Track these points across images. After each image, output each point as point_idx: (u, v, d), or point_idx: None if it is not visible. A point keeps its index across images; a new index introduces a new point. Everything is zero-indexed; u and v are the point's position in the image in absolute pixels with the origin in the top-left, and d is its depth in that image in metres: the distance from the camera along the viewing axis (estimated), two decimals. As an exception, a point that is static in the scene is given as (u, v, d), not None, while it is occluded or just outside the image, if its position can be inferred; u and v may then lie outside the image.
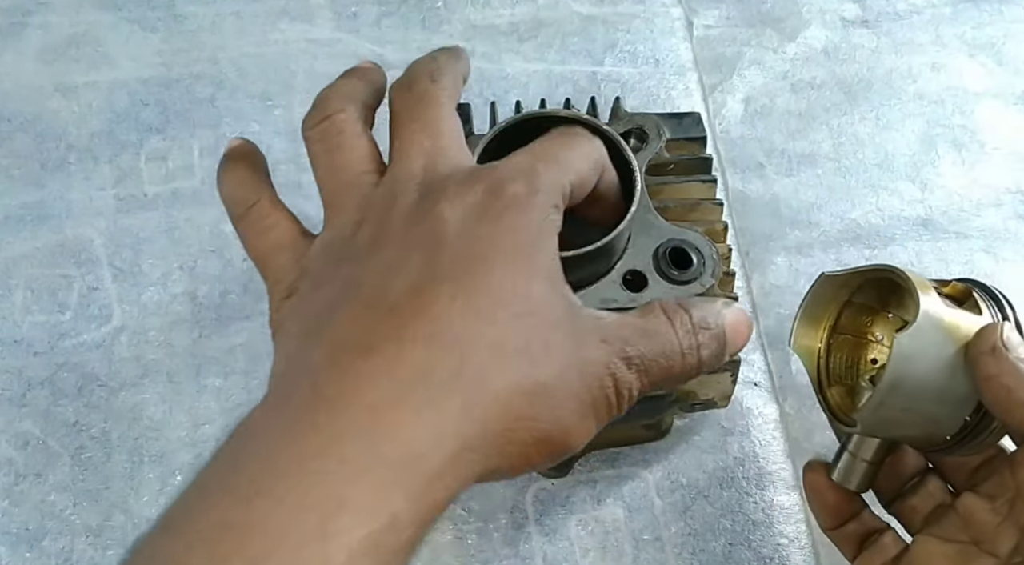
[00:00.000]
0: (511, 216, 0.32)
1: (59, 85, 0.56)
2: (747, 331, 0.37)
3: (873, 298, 0.42)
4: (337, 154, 0.36)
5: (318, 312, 0.33)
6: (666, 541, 0.48)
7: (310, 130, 0.37)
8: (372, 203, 0.35)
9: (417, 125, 0.36)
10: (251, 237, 0.38)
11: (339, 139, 0.36)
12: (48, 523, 0.47)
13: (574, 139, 0.36)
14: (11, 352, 0.50)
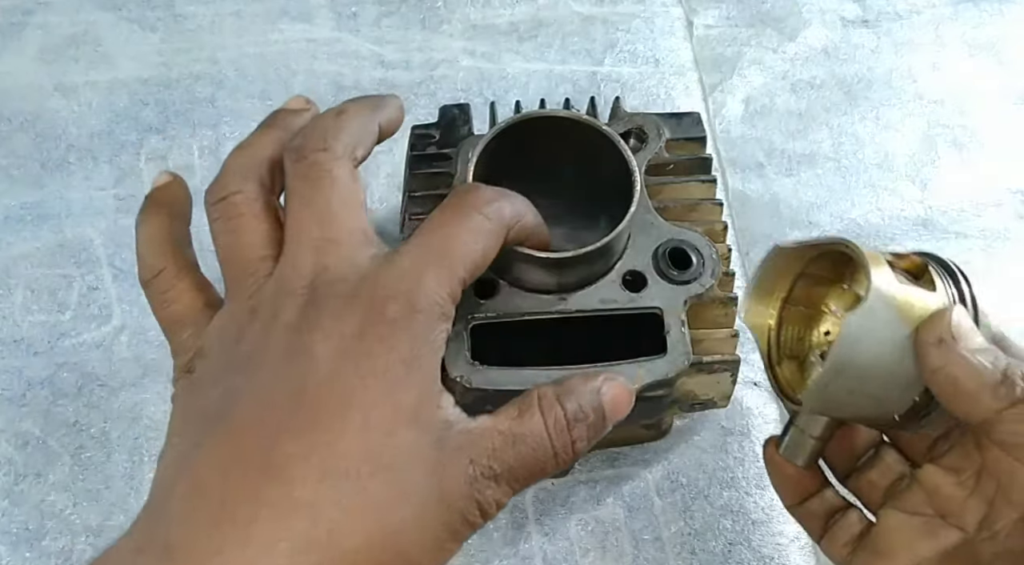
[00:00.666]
0: (384, 348, 0.33)
1: (59, 85, 0.56)
2: (627, 403, 0.37)
3: (828, 270, 0.40)
4: (234, 236, 0.36)
5: (199, 419, 0.33)
6: (666, 541, 0.48)
7: (210, 206, 0.37)
8: (263, 299, 0.35)
9: (307, 211, 0.36)
10: (154, 306, 0.38)
11: (237, 221, 0.36)
12: (48, 523, 0.47)
13: (464, 219, 0.35)
14: (11, 352, 0.50)
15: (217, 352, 0.36)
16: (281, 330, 0.34)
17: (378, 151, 0.55)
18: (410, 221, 0.44)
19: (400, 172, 0.47)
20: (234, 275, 0.37)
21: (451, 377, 0.40)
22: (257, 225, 0.36)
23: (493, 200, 0.36)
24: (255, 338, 0.35)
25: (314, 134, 0.37)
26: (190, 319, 0.37)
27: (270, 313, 0.35)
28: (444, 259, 0.35)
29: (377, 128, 0.38)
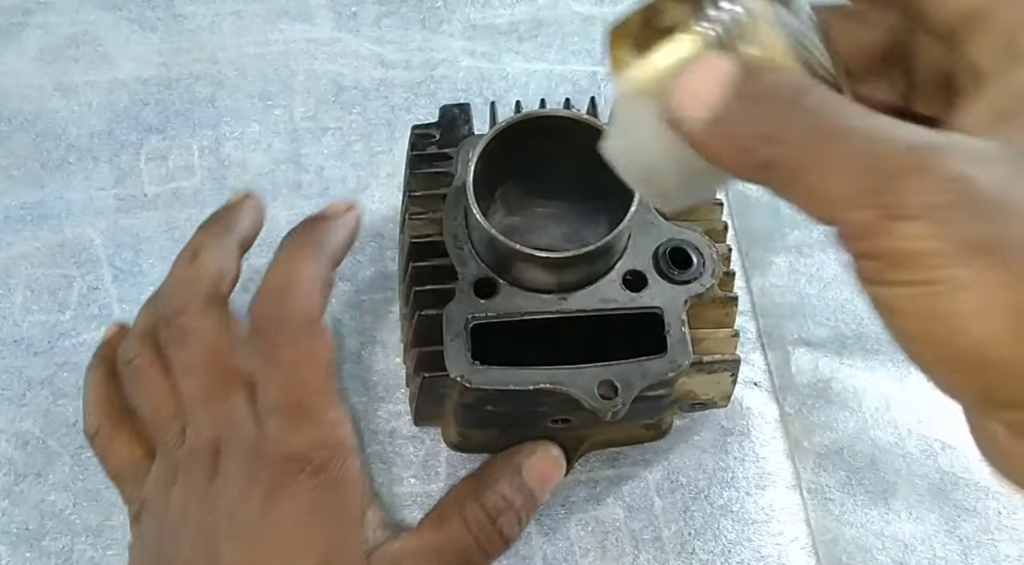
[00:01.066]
0: (292, 502, 0.35)
1: (59, 85, 0.56)
2: (556, 471, 0.38)
3: None
4: (145, 399, 0.39)
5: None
6: (666, 541, 0.48)
7: (120, 368, 0.40)
8: (180, 458, 0.38)
9: (188, 377, 0.38)
10: (101, 459, 0.42)
11: (144, 385, 0.39)
12: (48, 523, 0.47)
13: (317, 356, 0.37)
14: (11, 352, 0.50)
15: (154, 506, 0.38)
16: (198, 494, 0.36)
17: (378, 151, 0.55)
18: (410, 220, 0.44)
19: (400, 172, 0.47)
20: (154, 432, 0.39)
21: (451, 377, 0.40)
22: (160, 386, 0.39)
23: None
24: (179, 500, 0.37)
25: (172, 296, 0.39)
26: (130, 472, 0.40)
27: (187, 476, 0.37)
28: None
29: (237, 249, 0.40)
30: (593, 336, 0.42)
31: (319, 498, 0.35)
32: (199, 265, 0.40)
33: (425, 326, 0.42)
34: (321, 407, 0.36)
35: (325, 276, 0.38)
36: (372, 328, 0.51)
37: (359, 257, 0.52)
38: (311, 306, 0.37)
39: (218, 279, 0.39)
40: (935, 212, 0.22)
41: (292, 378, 0.36)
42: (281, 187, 0.54)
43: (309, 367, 0.36)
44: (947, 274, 0.22)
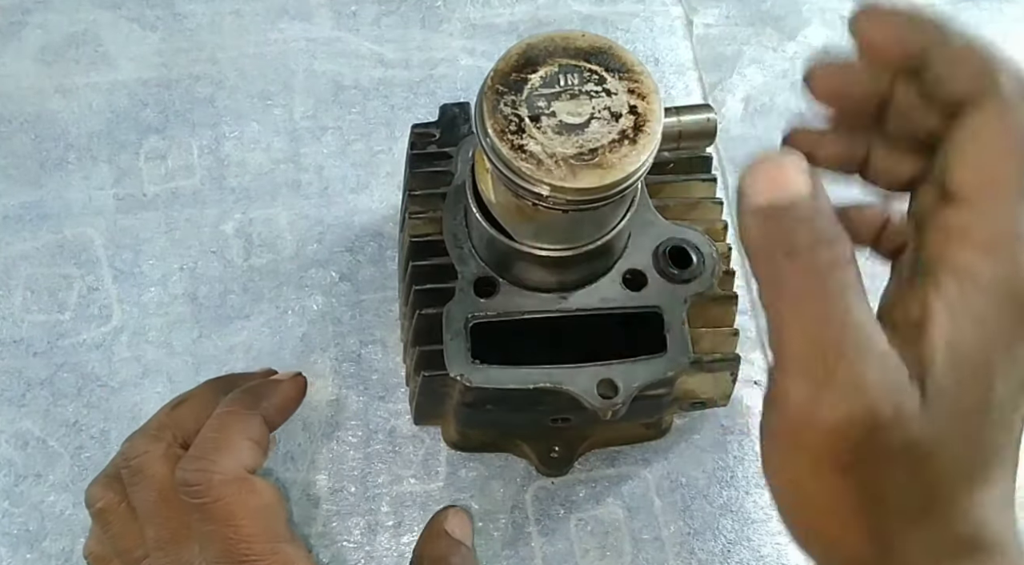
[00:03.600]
0: None
1: (58, 85, 0.56)
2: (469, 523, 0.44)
3: None
4: (112, 540, 0.40)
5: None
6: (665, 540, 0.48)
7: (88, 509, 0.41)
8: None
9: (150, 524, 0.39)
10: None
11: (109, 527, 0.40)
12: (48, 523, 0.47)
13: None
14: (11, 352, 0.50)
15: None
16: None
17: (377, 150, 0.55)
18: (410, 219, 0.44)
19: (400, 171, 0.47)
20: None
21: (451, 376, 0.40)
22: (126, 528, 0.40)
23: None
24: None
25: (140, 438, 0.41)
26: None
27: None
28: None
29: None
30: (593, 335, 0.42)
31: None
32: (177, 413, 0.42)
33: (425, 325, 0.42)
34: (261, 555, 0.37)
35: (257, 433, 0.41)
36: (372, 327, 0.51)
37: (359, 257, 0.52)
38: (237, 463, 0.39)
39: (191, 432, 0.41)
40: (839, 450, 0.28)
41: (225, 533, 0.37)
42: (281, 186, 0.54)
43: (240, 520, 0.37)
44: (810, 488, 0.29)
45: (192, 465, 0.38)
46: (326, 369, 0.50)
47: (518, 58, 0.37)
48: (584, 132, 0.36)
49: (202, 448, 0.39)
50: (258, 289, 0.52)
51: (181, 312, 0.51)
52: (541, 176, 0.35)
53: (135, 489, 0.40)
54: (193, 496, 0.38)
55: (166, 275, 0.52)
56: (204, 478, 0.38)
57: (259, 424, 0.41)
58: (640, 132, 0.36)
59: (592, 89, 0.36)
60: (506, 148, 0.35)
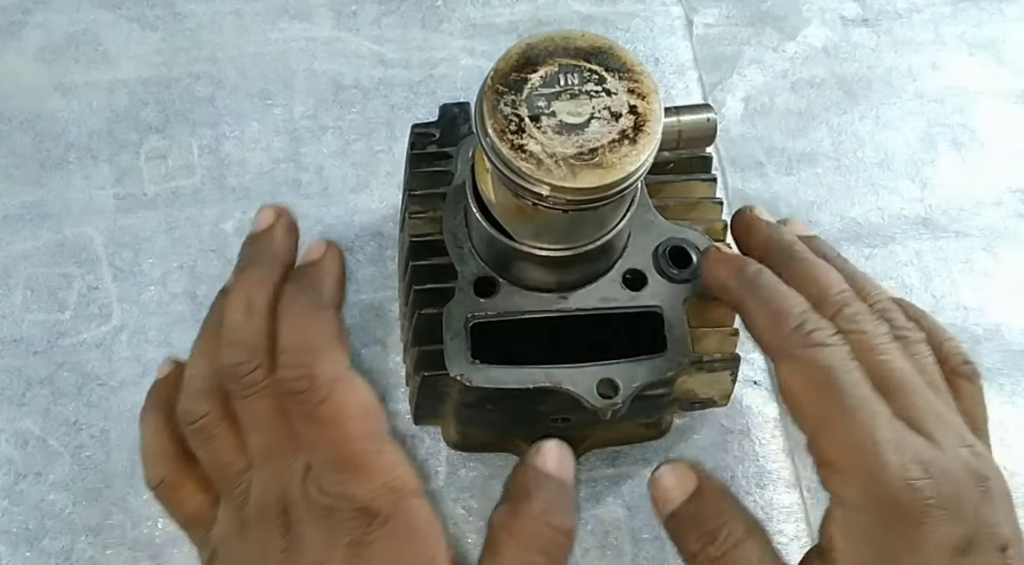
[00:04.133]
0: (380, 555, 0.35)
1: (58, 84, 0.56)
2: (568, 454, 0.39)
3: None
4: (212, 454, 0.39)
5: None
6: (666, 540, 0.47)
7: (185, 428, 0.40)
8: (249, 517, 0.38)
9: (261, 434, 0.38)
10: (167, 509, 0.41)
11: (211, 443, 0.39)
12: (48, 522, 0.47)
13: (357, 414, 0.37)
14: (11, 351, 0.50)
15: (228, 555, 0.38)
16: (275, 552, 0.36)
17: (377, 150, 0.55)
18: (410, 219, 0.44)
19: (400, 170, 0.47)
20: (221, 486, 0.39)
21: (451, 376, 0.40)
22: (229, 442, 0.39)
23: None
24: (257, 555, 0.37)
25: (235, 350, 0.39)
26: (201, 518, 0.40)
27: (260, 532, 0.37)
28: None
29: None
30: (593, 335, 0.42)
31: (398, 546, 0.35)
32: (255, 314, 0.39)
33: (425, 325, 0.42)
34: (370, 455, 0.36)
35: (337, 328, 0.38)
36: (372, 327, 0.51)
37: (359, 256, 0.52)
38: (335, 361, 0.37)
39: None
40: None
41: (334, 435, 0.36)
42: (281, 186, 0.54)
43: (348, 420, 0.36)
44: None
45: (293, 371, 0.36)
46: (326, 369, 0.50)
47: (518, 58, 0.37)
48: (584, 132, 0.36)
49: (296, 354, 0.37)
50: (258, 288, 0.51)
51: (181, 311, 0.51)
52: (541, 176, 0.35)
53: (247, 401, 0.38)
54: (300, 401, 0.36)
55: (166, 274, 0.52)
56: (309, 380, 0.36)
57: (335, 318, 0.39)
58: (640, 132, 0.36)
59: (592, 89, 0.36)
60: (506, 148, 0.35)
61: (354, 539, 0.35)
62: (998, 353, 0.53)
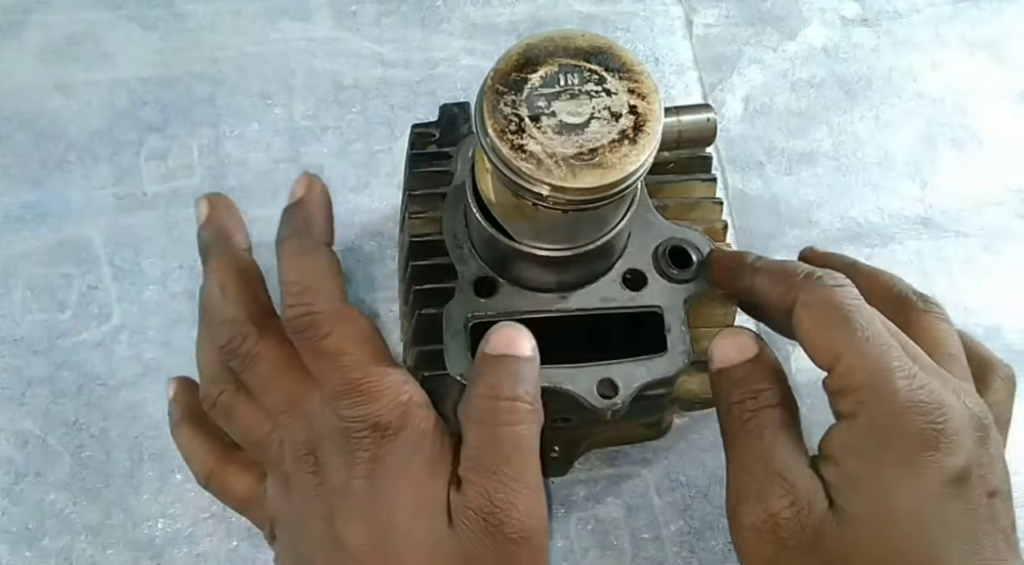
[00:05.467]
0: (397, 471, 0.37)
1: (58, 84, 0.56)
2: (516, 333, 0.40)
3: None
4: (238, 427, 0.42)
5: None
6: (665, 540, 0.48)
7: (209, 409, 0.42)
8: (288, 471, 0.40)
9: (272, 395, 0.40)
10: (220, 498, 0.44)
11: (233, 417, 0.41)
12: (48, 522, 0.47)
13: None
14: (11, 351, 0.50)
15: (281, 521, 0.41)
16: (309, 493, 0.39)
17: (377, 149, 0.55)
18: (410, 219, 0.44)
19: (400, 170, 0.47)
20: (257, 455, 0.42)
21: (451, 376, 0.40)
22: (250, 410, 0.41)
23: None
24: (297, 505, 0.39)
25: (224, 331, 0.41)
26: (252, 498, 0.42)
27: (296, 481, 0.39)
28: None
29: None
30: (593, 335, 0.42)
31: (409, 453, 0.38)
32: (228, 292, 0.42)
33: (425, 325, 0.42)
34: (377, 376, 0.38)
35: (333, 262, 0.41)
36: (372, 327, 0.51)
37: (359, 256, 0.52)
38: (330, 295, 0.39)
39: (264, 299, 0.42)
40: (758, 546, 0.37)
41: (340, 364, 0.38)
42: (280, 186, 0.54)
43: (351, 348, 0.39)
44: None
45: (294, 310, 0.39)
46: (326, 368, 0.50)
47: (518, 58, 0.37)
48: (584, 132, 0.36)
49: (295, 294, 0.39)
50: (258, 288, 0.52)
51: (181, 311, 0.51)
52: (541, 176, 0.35)
53: (250, 371, 0.40)
54: (304, 339, 0.39)
55: (166, 274, 0.52)
56: (309, 318, 0.38)
57: (326, 254, 0.41)
58: (640, 132, 0.36)
59: (592, 89, 0.36)
60: (506, 148, 0.35)
61: (371, 455, 0.37)
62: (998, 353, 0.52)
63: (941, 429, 0.35)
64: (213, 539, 0.47)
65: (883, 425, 0.36)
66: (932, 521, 0.35)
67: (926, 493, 0.35)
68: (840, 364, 0.37)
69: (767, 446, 0.37)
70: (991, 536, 0.35)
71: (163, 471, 0.48)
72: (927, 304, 0.42)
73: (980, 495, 0.36)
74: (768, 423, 0.38)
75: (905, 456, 0.35)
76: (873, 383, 0.36)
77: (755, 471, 0.37)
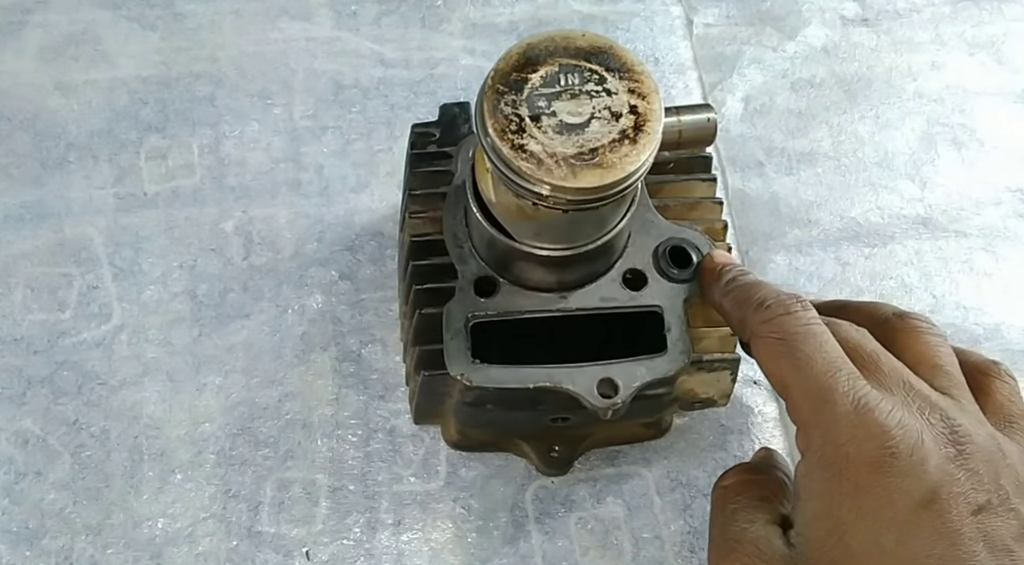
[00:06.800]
0: None
1: (58, 83, 0.56)
2: None
3: None
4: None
5: None
6: (666, 539, 0.48)
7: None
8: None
9: None
10: None
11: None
12: (48, 521, 0.47)
13: None
14: (11, 350, 0.50)
15: None
16: None
17: (377, 149, 0.55)
18: (410, 219, 0.44)
19: (400, 170, 0.47)
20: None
21: (451, 375, 0.40)
22: None
23: None
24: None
25: None
26: None
27: None
28: None
29: None
30: (593, 335, 0.42)
31: None
32: None
33: (425, 324, 0.42)
34: None
35: None
36: (372, 327, 0.51)
37: (359, 256, 0.52)
38: None
39: None
40: None
41: None
42: (281, 185, 0.54)
43: None
44: None
45: None
46: (326, 368, 0.50)
47: (518, 58, 0.37)
48: (584, 132, 0.36)
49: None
50: (258, 288, 0.52)
51: (181, 310, 0.51)
52: (541, 176, 0.35)
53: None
54: None
55: (166, 273, 0.52)
56: None
57: None
58: (640, 132, 0.36)
59: (592, 89, 0.36)
60: (506, 148, 0.35)
61: None
62: (998, 353, 0.52)
63: (893, 452, 0.33)
64: (213, 539, 0.47)
65: (830, 458, 0.34)
66: (898, 552, 0.33)
67: (885, 522, 0.33)
68: (789, 397, 0.36)
69: (742, 528, 0.37)
70: (985, 558, 0.32)
71: (163, 471, 0.48)
72: (905, 320, 0.39)
73: (960, 514, 0.33)
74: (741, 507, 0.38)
75: (856, 486, 0.34)
76: (817, 415, 0.35)
77: (713, 537, 0.39)
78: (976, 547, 0.33)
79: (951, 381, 0.37)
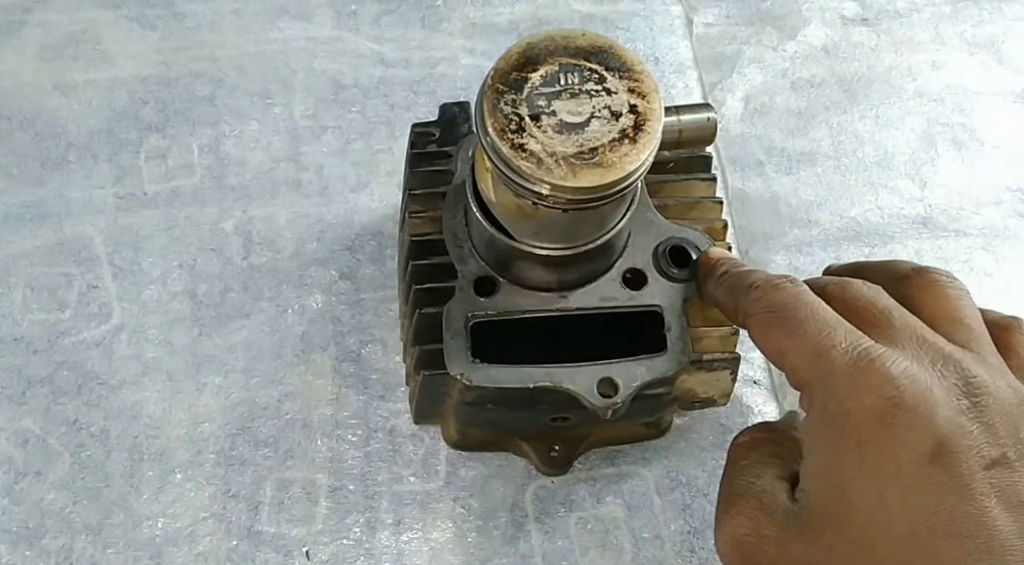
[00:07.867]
0: None
1: (58, 83, 0.56)
2: None
3: None
4: None
5: None
6: (666, 539, 0.48)
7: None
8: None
9: None
10: None
11: None
12: (48, 521, 0.47)
13: None
14: (11, 350, 0.50)
15: None
16: None
17: (377, 149, 0.55)
18: (410, 219, 0.44)
19: (400, 170, 0.47)
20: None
21: (451, 375, 0.40)
22: None
23: None
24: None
25: None
26: None
27: None
28: None
29: None
30: (593, 334, 0.42)
31: None
32: None
33: (425, 324, 0.42)
34: None
35: None
36: (371, 326, 0.51)
37: (359, 255, 0.52)
38: None
39: None
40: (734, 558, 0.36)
41: None
42: (281, 185, 0.54)
43: None
44: None
45: None
46: (326, 368, 0.50)
47: (518, 57, 0.37)
48: (584, 131, 0.36)
49: None
50: (258, 287, 0.52)
51: (181, 310, 0.51)
52: (541, 175, 0.35)
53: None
54: None
55: (166, 273, 0.52)
56: None
57: None
58: (640, 131, 0.36)
59: (592, 88, 0.36)
60: (506, 147, 0.35)
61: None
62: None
63: (897, 403, 0.32)
64: (213, 539, 0.47)
65: (832, 413, 0.33)
66: (903, 507, 0.31)
67: (889, 477, 0.32)
68: (786, 364, 0.35)
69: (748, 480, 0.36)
70: (999, 514, 0.31)
71: (163, 471, 0.48)
72: (923, 275, 0.38)
73: (971, 468, 0.31)
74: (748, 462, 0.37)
75: (858, 440, 0.32)
76: (815, 372, 0.34)
77: (721, 491, 0.37)
78: (988, 502, 0.31)
79: (971, 334, 0.36)
